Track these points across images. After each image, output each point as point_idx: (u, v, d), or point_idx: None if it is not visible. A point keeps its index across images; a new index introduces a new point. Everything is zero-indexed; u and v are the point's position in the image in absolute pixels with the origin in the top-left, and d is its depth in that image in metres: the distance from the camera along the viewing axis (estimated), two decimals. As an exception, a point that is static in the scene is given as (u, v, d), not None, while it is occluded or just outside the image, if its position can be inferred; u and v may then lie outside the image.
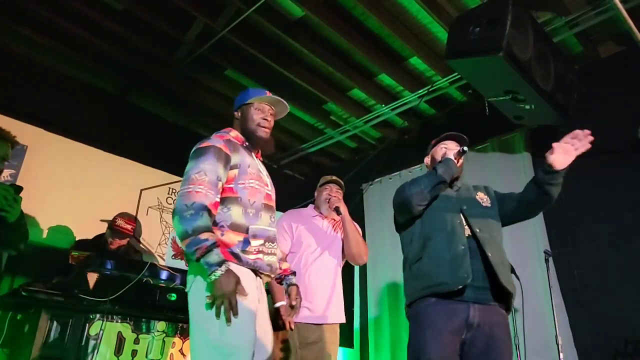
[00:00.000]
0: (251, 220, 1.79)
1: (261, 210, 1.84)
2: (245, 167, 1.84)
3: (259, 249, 1.78)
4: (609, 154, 3.41)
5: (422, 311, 1.87)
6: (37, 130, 3.68)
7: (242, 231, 1.75)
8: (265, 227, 1.83)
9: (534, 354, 3.12)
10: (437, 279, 1.86)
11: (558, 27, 3.37)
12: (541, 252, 3.24)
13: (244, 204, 1.79)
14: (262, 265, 1.78)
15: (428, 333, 1.81)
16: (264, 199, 1.88)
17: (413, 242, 2.04)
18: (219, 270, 1.58)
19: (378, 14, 3.42)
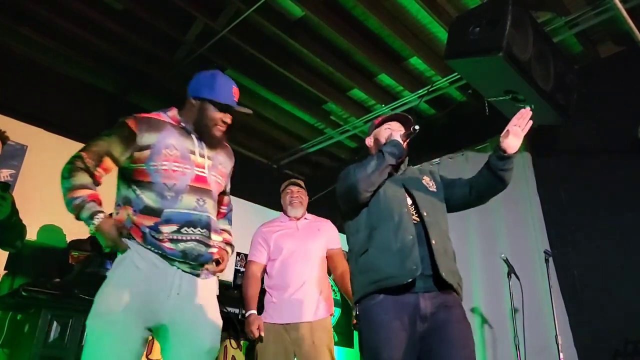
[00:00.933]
0: (168, 203, 1.67)
1: (183, 193, 1.70)
2: (160, 147, 1.70)
3: (171, 236, 1.64)
4: (609, 154, 3.42)
5: (371, 310, 1.74)
6: (37, 130, 3.68)
7: (154, 215, 1.65)
8: (185, 211, 1.69)
9: (534, 354, 3.12)
10: (385, 272, 1.73)
11: (558, 27, 3.37)
12: (541, 252, 3.24)
13: (159, 188, 1.68)
14: (173, 252, 1.65)
15: (381, 334, 1.68)
16: (192, 181, 1.73)
17: (359, 232, 1.88)
18: (96, 220, 1.58)
19: (378, 14, 3.42)
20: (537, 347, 3.17)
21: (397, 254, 1.74)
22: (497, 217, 3.85)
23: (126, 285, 1.59)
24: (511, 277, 3.11)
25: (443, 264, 1.74)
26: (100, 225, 1.59)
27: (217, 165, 1.87)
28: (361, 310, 1.79)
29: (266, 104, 4.58)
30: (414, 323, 1.68)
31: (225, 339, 2.97)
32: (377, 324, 1.70)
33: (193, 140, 1.81)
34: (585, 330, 3.22)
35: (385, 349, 1.65)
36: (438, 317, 1.70)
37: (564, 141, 3.72)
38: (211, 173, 1.82)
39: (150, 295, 1.61)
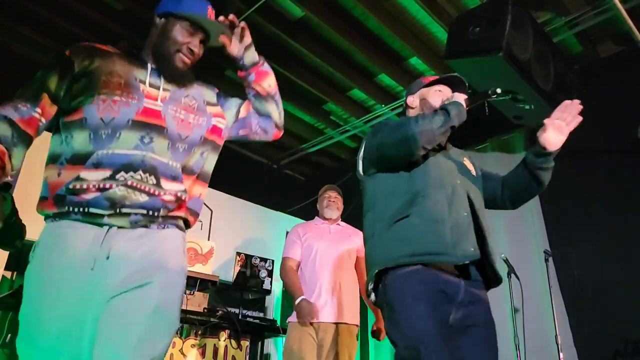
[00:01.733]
0: (101, 144, 1.22)
1: (123, 129, 1.24)
2: (99, 74, 1.30)
3: (100, 184, 1.19)
4: (609, 154, 3.42)
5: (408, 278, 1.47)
6: (37, 130, 3.68)
7: (81, 162, 1.21)
8: (122, 151, 1.23)
9: (534, 354, 3.13)
10: (433, 246, 1.48)
11: (558, 27, 3.37)
12: (541, 252, 3.24)
13: (94, 125, 1.23)
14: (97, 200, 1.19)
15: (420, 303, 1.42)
16: (138, 114, 1.28)
17: (395, 195, 1.59)
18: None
19: (378, 14, 3.42)
20: (537, 347, 3.17)
21: (450, 229, 1.50)
22: (497, 217, 3.85)
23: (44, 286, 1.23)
24: (511, 277, 3.11)
25: (493, 254, 1.58)
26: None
27: (179, 99, 1.39)
28: (397, 280, 1.49)
29: (266, 104, 4.58)
30: (450, 304, 1.49)
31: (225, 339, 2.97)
32: (418, 294, 1.44)
33: (146, 69, 1.40)
34: (585, 330, 3.22)
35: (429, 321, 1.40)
36: (474, 311, 1.55)
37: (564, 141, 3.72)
38: (169, 107, 1.35)
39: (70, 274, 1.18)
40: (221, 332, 2.95)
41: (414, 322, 1.41)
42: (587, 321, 3.23)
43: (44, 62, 1.25)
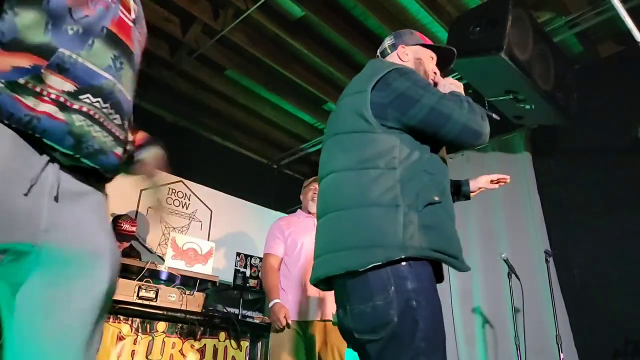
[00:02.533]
0: (67, 42, 0.88)
1: (96, 37, 0.93)
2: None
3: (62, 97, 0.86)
4: (609, 154, 3.42)
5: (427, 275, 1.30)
6: (37, 130, 3.68)
7: (36, 52, 0.85)
8: (93, 67, 0.91)
9: (534, 354, 3.12)
10: (453, 247, 1.33)
11: (558, 27, 3.37)
12: (541, 252, 3.24)
13: (57, 12, 0.88)
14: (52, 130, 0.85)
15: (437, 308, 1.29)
16: (112, 23, 0.97)
17: (425, 171, 1.34)
18: None
19: (378, 14, 3.42)
20: (538, 347, 3.17)
21: (455, 233, 1.38)
22: (497, 217, 3.85)
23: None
24: (511, 277, 3.11)
25: None
26: None
27: (141, 21, 1.14)
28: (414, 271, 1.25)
29: (266, 104, 4.59)
30: None
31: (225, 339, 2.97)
32: (434, 291, 1.31)
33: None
34: (586, 330, 3.22)
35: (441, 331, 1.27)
36: None
37: (564, 141, 3.72)
38: (137, 27, 1.08)
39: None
40: (221, 332, 2.95)
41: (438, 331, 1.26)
42: (587, 321, 3.23)
43: None
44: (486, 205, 3.92)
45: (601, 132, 3.49)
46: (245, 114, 4.70)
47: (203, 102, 4.52)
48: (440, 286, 1.47)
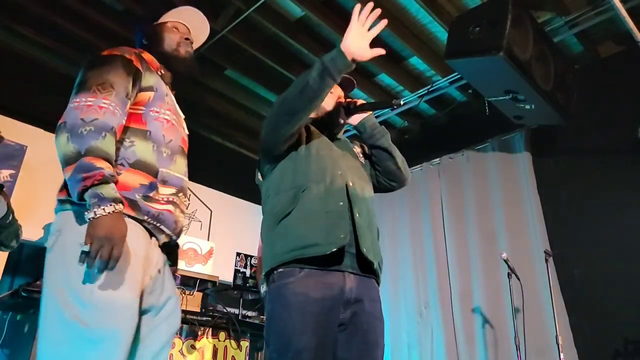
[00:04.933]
0: (164, 162, 1.36)
1: (177, 154, 1.42)
2: (162, 93, 1.43)
3: (169, 198, 1.34)
4: (609, 154, 3.42)
5: (288, 287, 1.47)
6: (37, 130, 3.68)
7: (149, 172, 1.31)
8: (179, 175, 1.41)
9: (534, 354, 3.12)
10: (307, 239, 1.49)
11: (558, 27, 3.37)
12: (541, 252, 3.24)
13: (156, 140, 1.36)
14: (167, 220, 1.33)
15: (296, 317, 1.42)
16: (181, 141, 1.47)
17: (281, 193, 1.63)
18: (110, 207, 1.11)
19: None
20: (538, 347, 3.17)
21: (324, 220, 1.52)
22: (497, 217, 3.85)
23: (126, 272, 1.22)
24: (511, 277, 3.11)
25: (365, 240, 1.56)
26: (116, 216, 1.13)
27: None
28: (274, 286, 1.51)
29: (266, 104, 4.58)
30: (337, 308, 1.48)
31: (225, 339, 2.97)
32: (294, 304, 1.45)
33: (169, 92, 1.54)
34: (586, 330, 3.21)
35: (299, 336, 1.40)
36: (362, 308, 1.54)
37: (564, 141, 3.72)
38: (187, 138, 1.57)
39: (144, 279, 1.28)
40: (221, 332, 2.95)
41: (284, 335, 1.44)
42: (587, 321, 3.23)
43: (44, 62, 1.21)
44: (486, 205, 3.92)
45: (601, 132, 3.49)
46: (245, 114, 4.70)
47: (203, 102, 4.52)
48: (441, 286, 1.51)
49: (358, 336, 1.51)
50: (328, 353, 1.44)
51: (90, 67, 1.34)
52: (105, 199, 1.12)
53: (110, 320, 1.13)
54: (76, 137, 1.16)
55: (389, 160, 1.82)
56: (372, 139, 1.81)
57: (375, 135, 1.81)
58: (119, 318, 1.15)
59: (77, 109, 1.22)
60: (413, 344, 3.99)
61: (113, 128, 1.22)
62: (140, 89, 1.37)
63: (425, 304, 4.02)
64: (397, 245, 4.36)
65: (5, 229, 2.16)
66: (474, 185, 4.06)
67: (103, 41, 3.74)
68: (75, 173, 1.14)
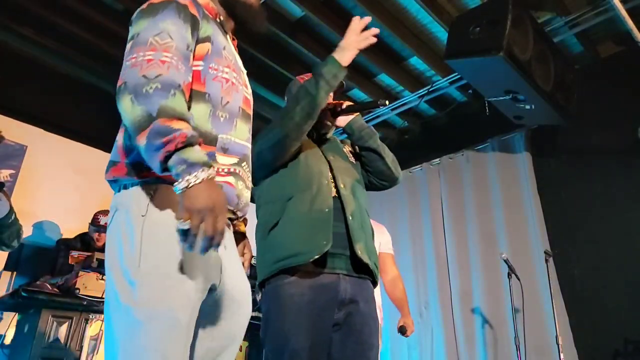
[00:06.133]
0: (222, 127, 1.16)
1: (237, 117, 1.21)
2: (219, 46, 1.20)
3: (230, 169, 1.15)
4: (609, 154, 3.42)
5: (281, 289, 1.50)
6: (37, 130, 3.69)
7: (206, 142, 1.11)
8: (241, 142, 1.20)
9: (534, 354, 3.13)
10: (290, 249, 1.51)
11: (558, 27, 3.37)
12: (541, 252, 3.24)
13: (214, 103, 1.16)
14: (228, 193, 1.13)
15: (290, 317, 1.46)
16: (243, 102, 1.24)
17: (271, 203, 1.63)
18: (204, 172, 0.95)
19: (378, 14, 3.42)
20: (538, 347, 3.17)
21: (308, 228, 1.53)
22: (497, 217, 3.85)
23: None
24: (511, 277, 3.11)
25: (359, 241, 1.58)
26: (211, 183, 0.96)
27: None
28: (269, 290, 1.55)
29: (266, 104, 4.58)
30: (331, 308, 1.50)
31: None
32: (288, 305, 1.48)
33: (230, 43, 1.32)
34: (586, 330, 3.22)
35: (295, 337, 1.43)
36: (357, 309, 1.55)
37: (564, 141, 3.72)
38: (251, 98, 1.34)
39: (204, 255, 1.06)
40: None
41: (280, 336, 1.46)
42: (587, 321, 3.23)
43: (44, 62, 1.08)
44: (486, 205, 3.92)
45: (601, 132, 3.49)
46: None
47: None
48: (441, 286, 1.52)
49: (352, 337, 1.53)
50: (323, 353, 1.47)
51: (142, 16, 1.12)
52: (196, 164, 0.94)
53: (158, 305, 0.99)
54: (142, 98, 0.98)
55: (378, 160, 1.82)
56: (361, 141, 1.81)
57: (363, 137, 1.80)
58: (172, 296, 1.00)
59: (135, 65, 1.02)
60: (413, 344, 4.00)
61: (180, 86, 1.03)
62: (197, 40, 1.15)
63: (425, 304, 4.02)
64: (397, 245, 4.35)
65: (7, 229, 2.16)
66: (474, 185, 4.06)
67: (103, 41, 3.74)
68: (152, 139, 0.95)
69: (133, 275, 1.00)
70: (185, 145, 0.95)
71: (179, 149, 0.94)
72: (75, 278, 2.48)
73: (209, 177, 0.95)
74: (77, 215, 3.66)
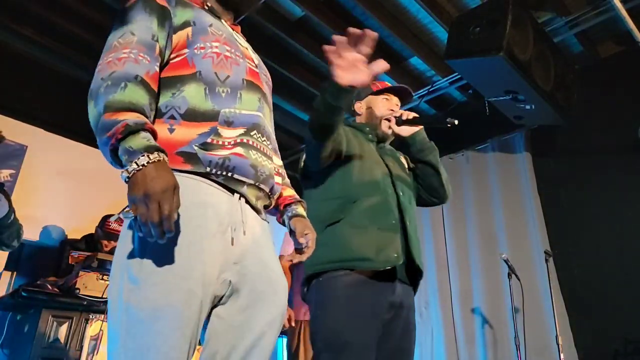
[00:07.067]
0: (224, 102, 1.13)
1: (241, 89, 1.17)
2: (203, 25, 1.19)
3: (236, 140, 1.11)
4: (609, 154, 3.42)
5: (338, 283, 1.51)
6: (37, 130, 3.68)
7: (206, 119, 1.09)
8: (249, 112, 1.16)
9: (534, 354, 3.13)
10: (359, 252, 1.52)
11: (558, 27, 3.37)
12: (541, 252, 3.24)
13: (208, 80, 1.13)
14: (239, 164, 1.09)
15: (346, 311, 1.46)
16: (247, 74, 1.22)
17: (327, 199, 1.64)
18: (144, 158, 0.92)
19: (378, 14, 3.42)
20: (538, 347, 3.17)
21: (376, 236, 1.56)
22: (497, 217, 3.85)
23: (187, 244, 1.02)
24: (511, 277, 3.11)
25: (416, 251, 1.63)
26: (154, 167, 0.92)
27: (262, 66, 1.38)
28: (322, 284, 1.54)
29: (266, 104, 4.59)
30: (383, 309, 1.52)
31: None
32: (344, 300, 1.48)
33: (226, 25, 1.30)
34: (586, 330, 3.22)
35: (351, 330, 1.44)
36: (401, 315, 1.58)
37: (564, 141, 3.72)
38: (261, 71, 1.33)
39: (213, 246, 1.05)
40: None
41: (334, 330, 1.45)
42: (587, 321, 3.23)
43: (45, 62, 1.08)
44: (486, 205, 3.92)
45: (601, 132, 3.49)
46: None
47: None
48: (441, 286, 1.54)
49: (390, 341, 1.55)
50: (373, 351, 1.47)
51: (114, 23, 1.15)
52: (135, 151, 0.92)
53: (159, 302, 0.96)
54: (96, 100, 1.00)
55: (434, 176, 1.82)
56: (421, 154, 1.82)
57: (424, 151, 1.82)
58: (174, 292, 0.97)
59: (98, 71, 1.05)
60: (413, 344, 4.00)
61: (138, 76, 1.02)
62: (173, 29, 1.15)
63: (425, 304, 4.02)
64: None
65: (7, 229, 2.16)
66: (474, 185, 4.06)
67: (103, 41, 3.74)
68: (100, 135, 0.97)
69: (136, 272, 0.99)
70: (126, 135, 0.93)
71: (120, 139, 0.93)
72: (75, 278, 2.48)
73: (150, 162, 0.92)
74: (78, 216, 3.66)
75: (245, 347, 1.07)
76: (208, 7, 1.29)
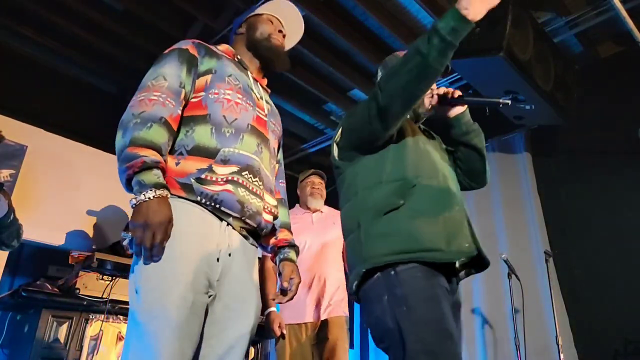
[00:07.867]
0: (227, 141, 1.30)
1: (245, 132, 1.34)
2: (223, 74, 1.39)
3: (228, 177, 1.27)
4: (609, 154, 3.42)
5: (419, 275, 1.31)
6: (37, 130, 3.68)
7: (207, 155, 1.27)
8: (246, 153, 1.33)
9: (534, 354, 3.12)
10: (428, 242, 1.33)
11: (558, 27, 3.37)
12: (541, 252, 3.24)
13: (216, 122, 1.31)
14: (227, 199, 1.25)
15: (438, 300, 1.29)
16: (253, 120, 1.39)
17: (380, 183, 1.43)
18: (151, 192, 1.12)
19: (378, 14, 3.42)
20: (538, 347, 3.17)
21: (443, 224, 1.37)
22: (497, 217, 3.85)
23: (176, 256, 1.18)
24: (511, 277, 3.11)
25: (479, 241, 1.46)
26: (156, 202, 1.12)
27: (274, 115, 1.56)
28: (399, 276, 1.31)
29: (266, 104, 4.59)
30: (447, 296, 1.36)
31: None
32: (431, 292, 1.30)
33: (249, 77, 1.51)
34: (586, 330, 3.21)
35: (449, 319, 1.28)
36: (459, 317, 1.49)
37: (564, 141, 3.72)
38: (270, 120, 1.49)
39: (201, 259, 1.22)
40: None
41: (432, 321, 1.26)
42: (587, 321, 3.23)
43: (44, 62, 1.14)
44: (486, 205, 3.92)
45: (601, 132, 3.49)
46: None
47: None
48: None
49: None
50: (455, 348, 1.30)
51: (152, 66, 1.39)
52: (146, 185, 1.13)
53: (154, 305, 1.13)
54: (124, 131, 1.21)
55: (478, 161, 1.63)
56: (466, 137, 1.60)
57: (469, 133, 1.60)
58: (167, 297, 1.13)
59: (131, 106, 1.26)
60: (413, 344, 3.99)
61: (162, 118, 1.23)
62: (198, 74, 1.37)
63: (425, 304, 4.01)
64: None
65: (6, 229, 2.16)
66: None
67: (103, 41, 3.75)
68: (121, 164, 1.18)
69: (138, 282, 1.16)
70: (142, 169, 1.14)
71: (136, 172, 1.14)
72: (75, 278, 2.48)
73: (155, 197, 1.12)
74: (77, 215, 3.66)
75: (221, 354, 1.24)
76: (238, 59, 1.54)
